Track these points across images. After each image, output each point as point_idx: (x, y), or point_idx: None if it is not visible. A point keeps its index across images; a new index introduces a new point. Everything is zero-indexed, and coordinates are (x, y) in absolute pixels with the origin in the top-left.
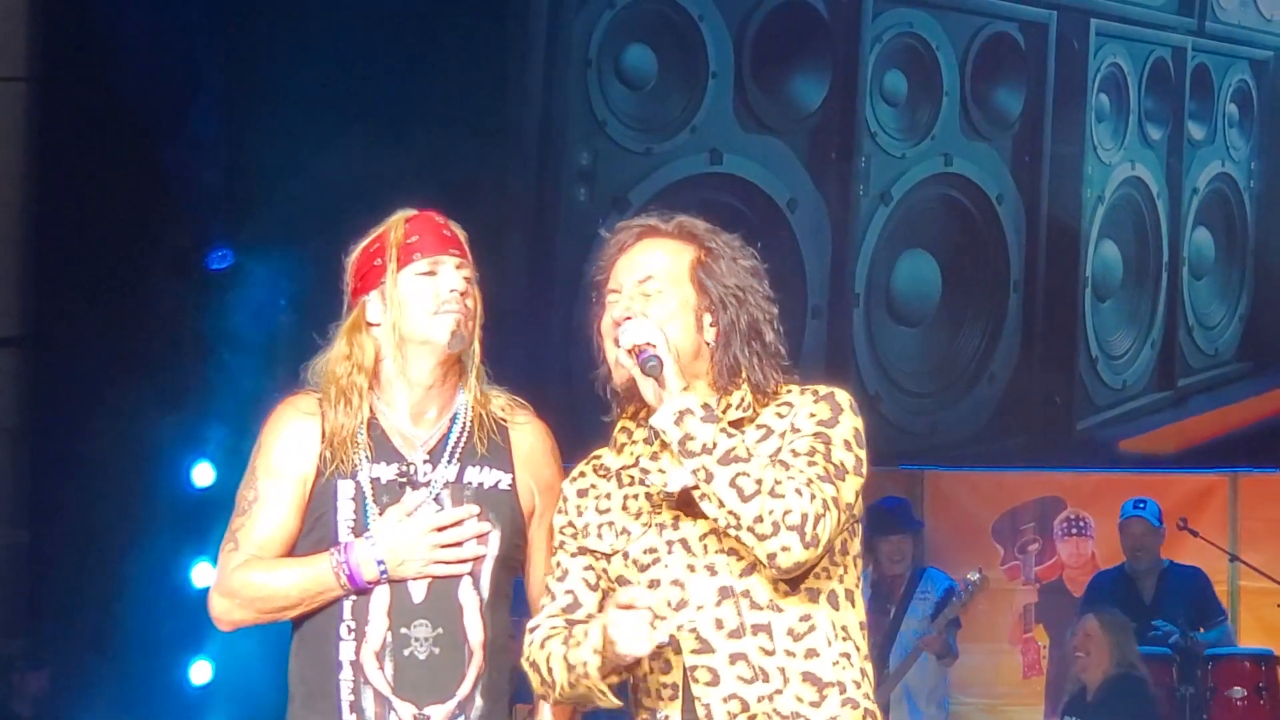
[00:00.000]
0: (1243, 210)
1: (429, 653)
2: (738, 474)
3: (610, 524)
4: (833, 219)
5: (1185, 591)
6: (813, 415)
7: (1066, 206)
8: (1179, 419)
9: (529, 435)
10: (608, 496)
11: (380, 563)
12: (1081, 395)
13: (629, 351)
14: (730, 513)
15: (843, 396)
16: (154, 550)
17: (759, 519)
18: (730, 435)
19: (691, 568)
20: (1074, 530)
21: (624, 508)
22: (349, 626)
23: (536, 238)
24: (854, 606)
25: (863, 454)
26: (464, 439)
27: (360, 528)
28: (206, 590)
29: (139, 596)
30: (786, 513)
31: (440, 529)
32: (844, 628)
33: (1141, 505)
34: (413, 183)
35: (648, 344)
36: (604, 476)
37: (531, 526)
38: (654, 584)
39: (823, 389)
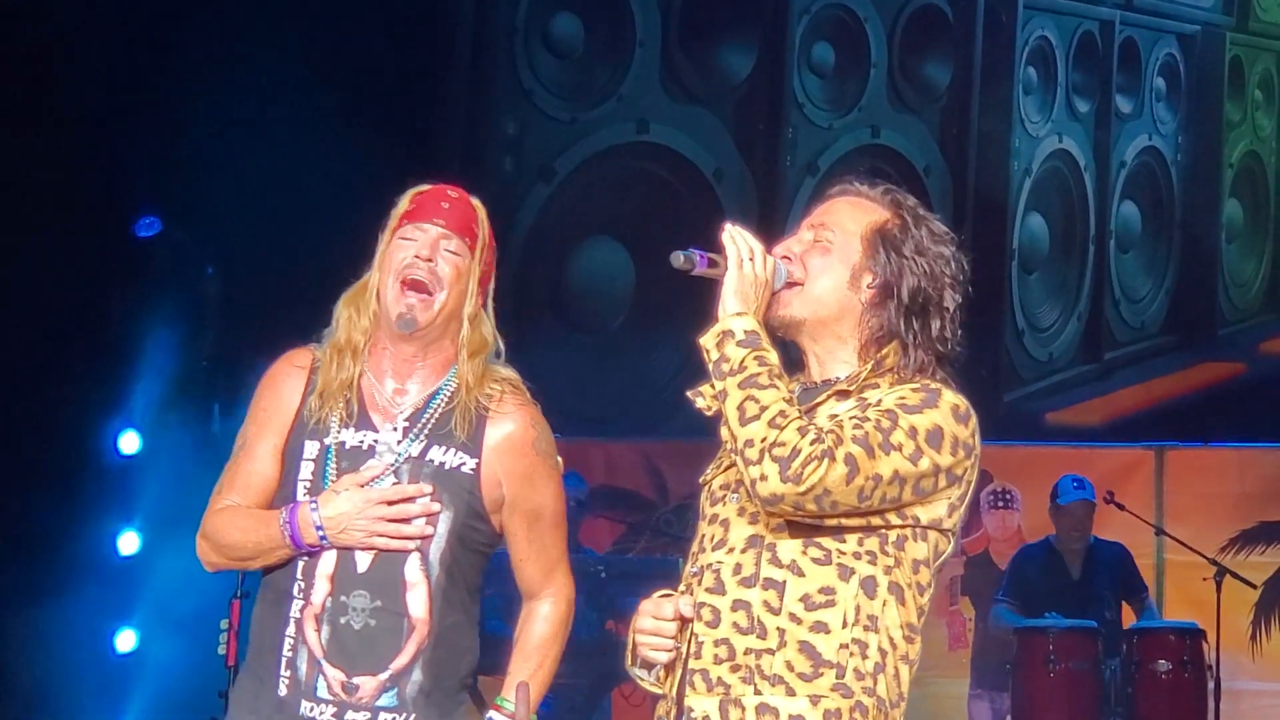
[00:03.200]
0: (1169, 184)
1: (364, 623)
2: (748, 397)
3: (719, 459)
4: (759, 189)
5: (1111, 567)
6: (901, 398)
7: (994, 179)
8: (1105, 392)
9: (508, 424)
10: None
11: (319, 528)
12: (1008, 368)
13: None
14: (731, 434)
15: (948, 398)
16: (80, 518)
17: (749, 442)
18: (764, 363)
19: (741, 510)
20: (1000, 503)
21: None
22: (300, 586)
23: None
24: (902, 605)
25: (934, 453)
26: (437, 417)
27: (317, 488)
28: (132, 558)
29: (65, 564)
30: (777, 443)
31: (389, 503)
32: (872, 618)
33: (1080, 485)
34: (338, 152)
35: (718, 255)
36: None
37: (505, 515)
38: (712, 519)
39: (936, 384)
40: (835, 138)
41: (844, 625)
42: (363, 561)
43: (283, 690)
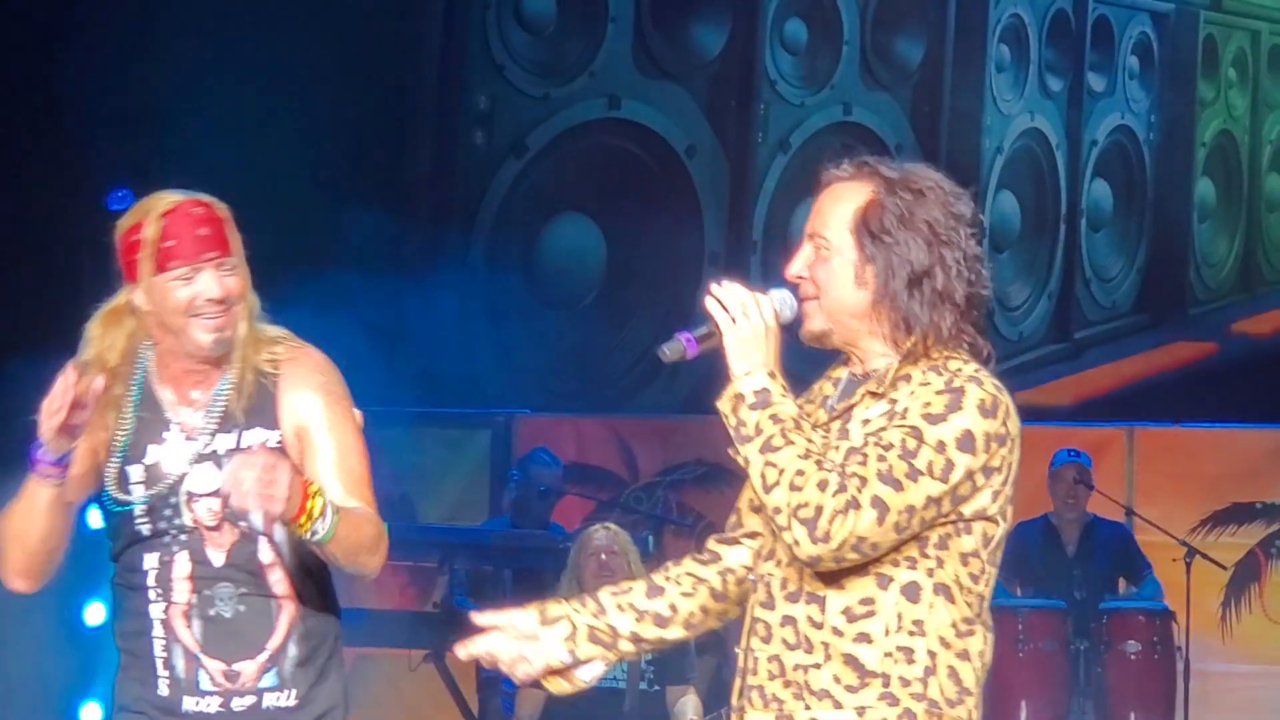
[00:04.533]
0: (1141, 163)
1: (234, 610)
2: (766, 463)
3: None
4: (731, 166)
5: (1110, 545)
6: (926, 405)
7: (965, 157)
8: (1076, 371)
9: (292, 376)
10: None
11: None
12: None
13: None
14: (761, 500)
15: (973, 394)
16: None
17: (777, 510)
18: (777, 420)
19: None
20: None
21: None
22: (155, 589)
23: (434, 181)
24: (951, 603)
25: (967, 458)
26: (227, 408)
27: None
28: (101, 531)
29: None
30: (800, 506)
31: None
32: (918, 622)
33: (1074, 453)
34: (311, 126)
35: (712, 317)
36: None
37: (316, 438)
38: (765, 524)
39: (961, 380)
40: (807, 115)
41: (886, 634)
42: (216, 557)
43: (164, 690)
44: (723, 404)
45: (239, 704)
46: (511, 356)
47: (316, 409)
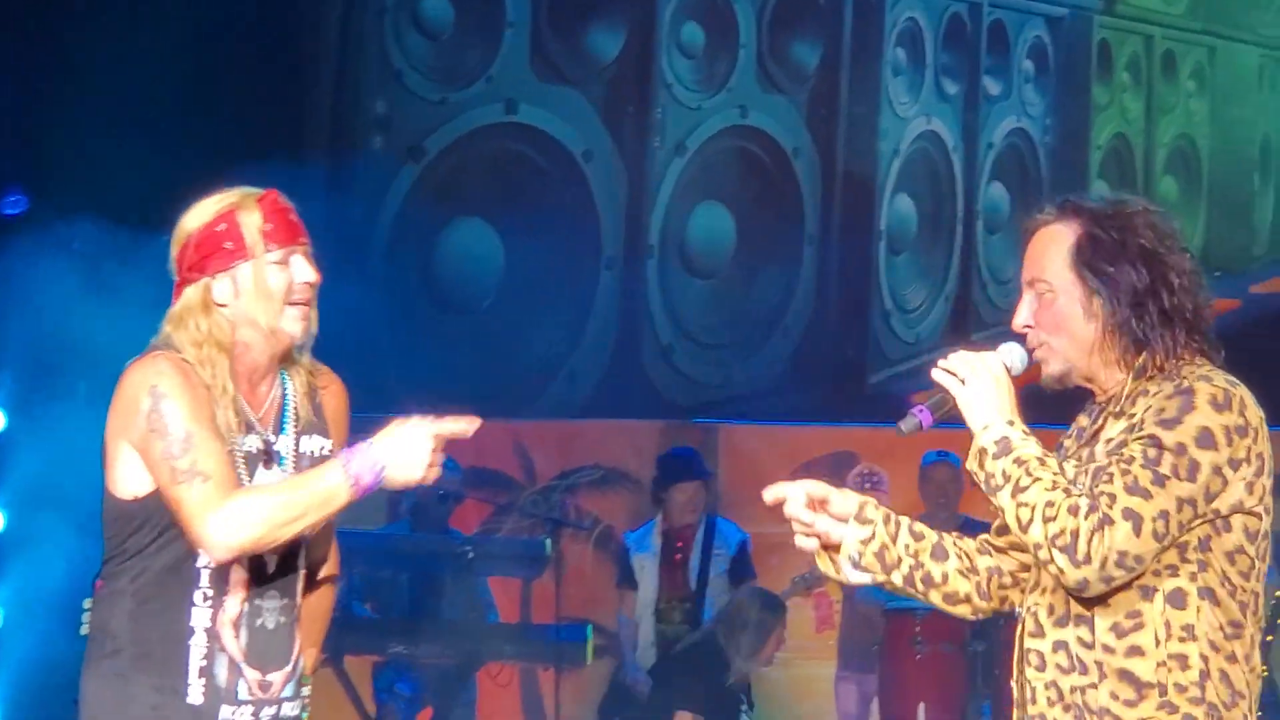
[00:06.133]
0: (1037, 166)
1: (276, 621)
2: (1019, 504)
3: None
4: (628, 170)
5: None
6: (1160, 412)
7: (862, 160)
8: None
9: (335, 397)
10: None
11: (379, 467)
12: (875, 349)
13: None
14: (1022, 541)
15: (1204, 391)
16: None
17: (1038, 545)
18: (1020, 462)
19: None
20: (867, 485)
21: None
22: (205, 594)
23: (332, 186)
24: (1216, 606)
25: (1210, 454)
26: (295, 409)
27: None
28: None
29: None
30: (1057, 535)
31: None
32: (1187, 627)
33: (944, 454)
34: (207, 130)
35: (941, 385)
36: None
37: None
38: (1025, 567)
39: (1191, 381)
40: (704, 118)
41: (1157, 644)
42: (271, 563)
43: (197, 699)
44: (970, 463)
45: (266, 714)
46: (409, 360)
47: (343, 439)
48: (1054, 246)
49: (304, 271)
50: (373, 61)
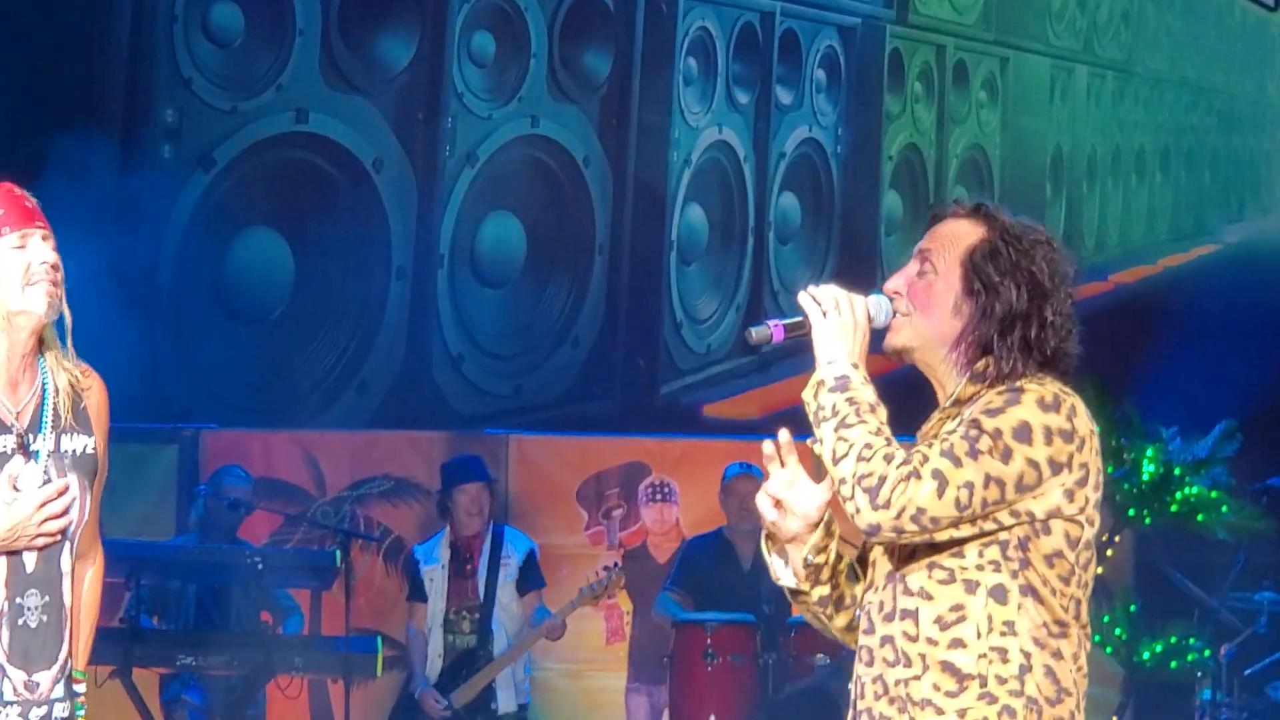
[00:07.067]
0: (829, 175)
1: (39, 620)
2: (838, 439)
3: None
4: (419, 179)
5: None
6: (986, 404)
7: (653, 170)
8: (763, 384)
9: (97, 395)
10: None
11: None
12: (666, 360)
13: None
14: (830, 476)
15: (1033, 392)
16: None
17: (843, 480)
18: (854, 402)
19: (884, 549)
20: (659, 496)
21: None
22: None
23: (121, 195)
24: (1040, 604)
25: (1025, 448)
26: (55, 407)
27: None
28: None
29: None
30: (865, 476)
31: (45, 502)
32: (1008, 623)
33: (747, 466)
34: None
35: (798, 317)
36: None
37: (102, 465)
38: (872, 563)
39: (1024, 384)
40: (495, 127)
41: (979, 636)
42: (30, 562)
43: None
44: (805, 391)
45: (35, 715)
46: (198, 371)
47: (104, 437)
48: (957, 237)
49: (41, 252)
50: (162, 70)
